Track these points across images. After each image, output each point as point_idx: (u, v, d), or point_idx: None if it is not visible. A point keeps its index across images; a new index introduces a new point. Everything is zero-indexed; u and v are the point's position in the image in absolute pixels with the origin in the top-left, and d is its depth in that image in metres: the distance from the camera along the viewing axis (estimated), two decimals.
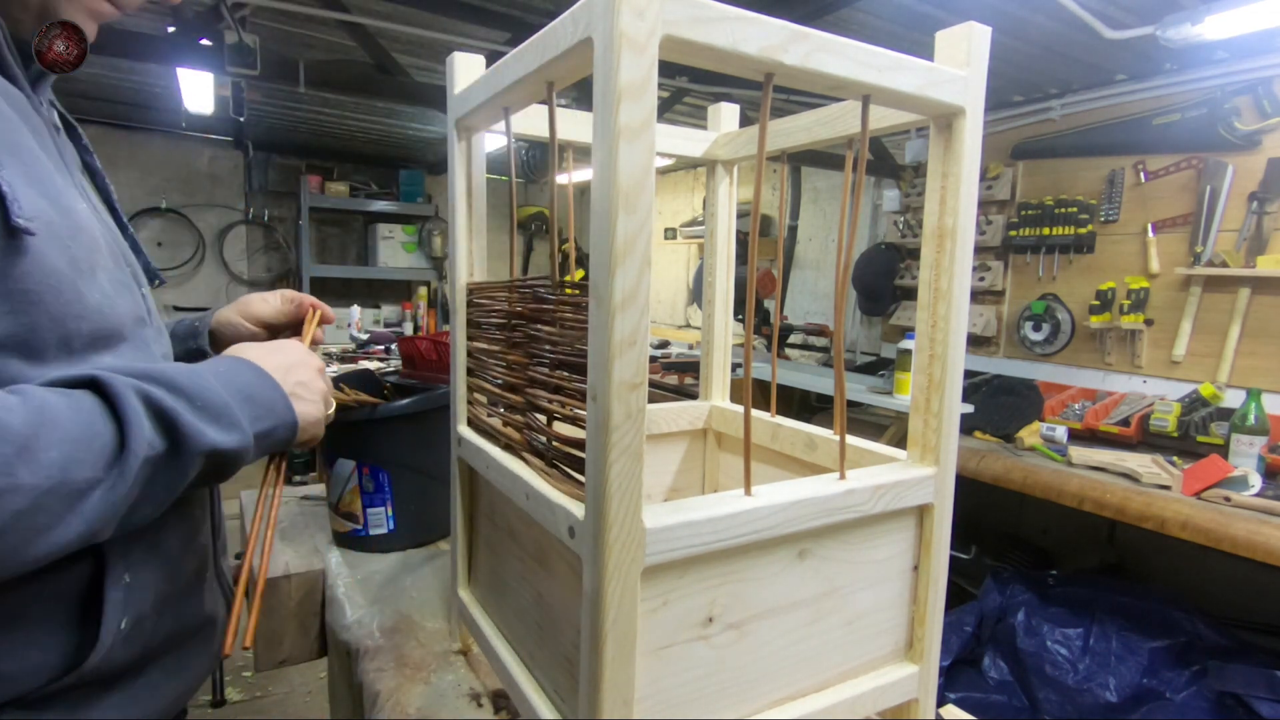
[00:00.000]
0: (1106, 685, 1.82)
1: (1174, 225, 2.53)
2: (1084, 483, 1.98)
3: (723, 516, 0.52)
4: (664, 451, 1.02)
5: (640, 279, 0.45)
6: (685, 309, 5.20)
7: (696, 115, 3.43)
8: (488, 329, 0.80)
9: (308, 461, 2.79)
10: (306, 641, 1.19)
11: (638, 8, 0.42)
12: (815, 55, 0.49)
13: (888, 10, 2.11)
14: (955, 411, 0.65)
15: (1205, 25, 1.89)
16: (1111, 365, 2.73)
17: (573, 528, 0.51)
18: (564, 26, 0.50)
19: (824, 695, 0.62)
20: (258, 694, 2.36)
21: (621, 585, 0.48)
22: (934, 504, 0.65)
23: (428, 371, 1.45)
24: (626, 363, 0.45)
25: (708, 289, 1.02)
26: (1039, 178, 2.98)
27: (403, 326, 4.81)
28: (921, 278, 0.65)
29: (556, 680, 0.62)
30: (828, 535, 0.60)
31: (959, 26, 0.60)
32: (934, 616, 0.67)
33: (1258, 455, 1.94)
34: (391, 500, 1.19)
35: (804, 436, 0.84)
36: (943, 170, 0.63)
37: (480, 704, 0.82)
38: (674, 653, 0.53)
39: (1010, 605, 2.06)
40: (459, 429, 0.84)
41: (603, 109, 0.44)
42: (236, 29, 2.08)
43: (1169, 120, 2.52)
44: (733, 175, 0.98)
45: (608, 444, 0.46)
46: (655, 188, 0.45)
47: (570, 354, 0.60)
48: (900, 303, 3.50)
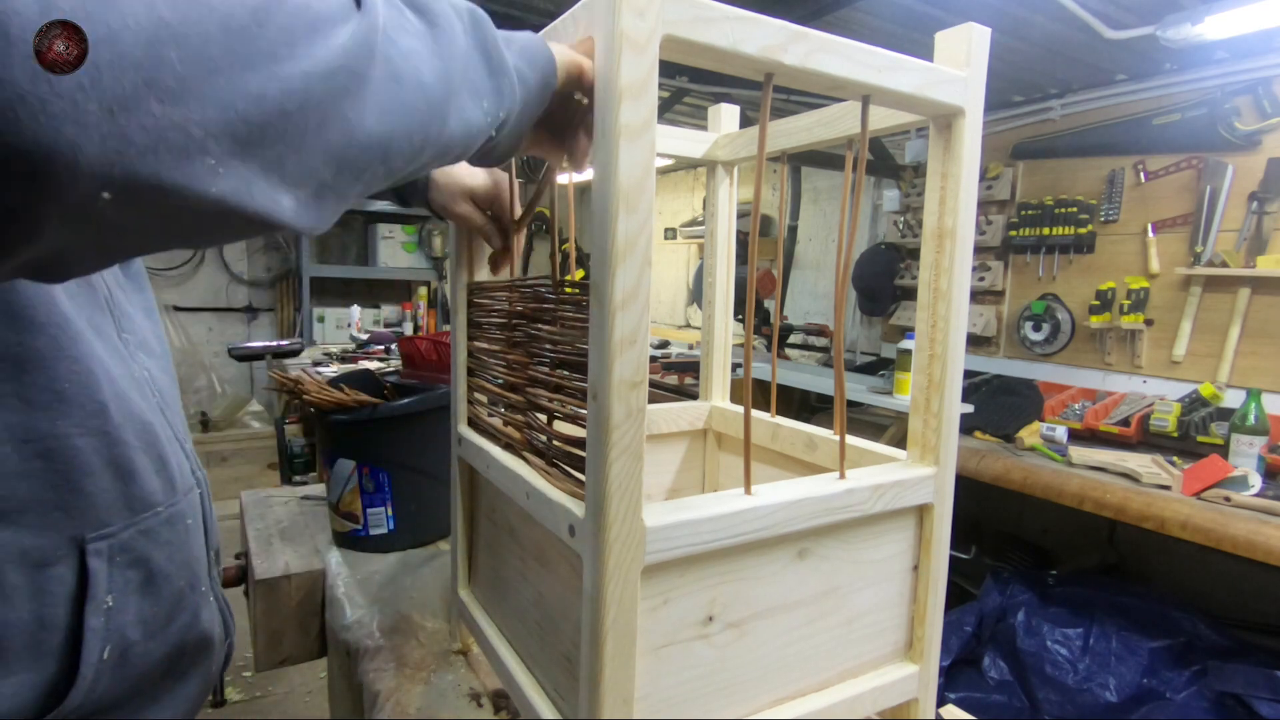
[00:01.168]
0: (1106, 685, 1.82)
1: (1174, 225, 2.54)
2: (1084, 483, 1.98)
3: (722, 515, 0.52)
4: (664, 451, 1.02)
5: (640, 278, 0.45)
6: (685, 309, 5.20)
7: (697, 115, 3.43)
8: (488, 329, 0.80)
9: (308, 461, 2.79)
10: (306, 641, 1.19)
11: (638, 8, 0.42)
12: (815, 55, 0.50)
13: (888, 10, 2.11)
14: (955, 411, 0.65)
15: (1205, 25, 1.90)
16: (1111, 365, 2.73)
17: (573, 526, 0.52)
18: (564, 26, 0.50)
19: (824, 695, 0.62)
20: (258, 694, 2.36)
21: (621, 584, 0.48)
22: (934, 504, 0.65)
23: (428, 371, 1.45)
24: (627, 361, 0.45)
25: (708, 289, 1.02)
26: (1039, 178, 2.98)
27: (403, 326, 4.81)
28: (921, 278, 0.65)
29: (556, 679, 0.62)
30: (827, 535, 0.60)
31: (958, 27, 0.60)
32: (934, 616, 0.67)
33: (1258, 455, 1.94)
34: (391, 500, 1.19)
35: (804, 436, 0.84)
36: (942, 170, 0.63)
37: (480, 704, 0.82)
38: (674, 652, 0.53)
39: (1010, 605, 2.06)
40: (459, 428, 0.84)
41: (603, 109, 0.44)
42: None
43: (1169, 120, 2.52)
44: (733, 176, 0.98)
45: (608, 443, 0.46)
46: (655, 188, 0.45)
47: (571, 353, 0.60)
48: (900, 303, 3.50)
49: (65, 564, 0.49)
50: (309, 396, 1.17)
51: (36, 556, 0.48)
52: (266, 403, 4.73)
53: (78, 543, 0.50)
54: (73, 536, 0.50)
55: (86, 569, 0.50)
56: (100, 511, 0.52)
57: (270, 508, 1.46)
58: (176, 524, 0.60)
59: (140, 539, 0.54)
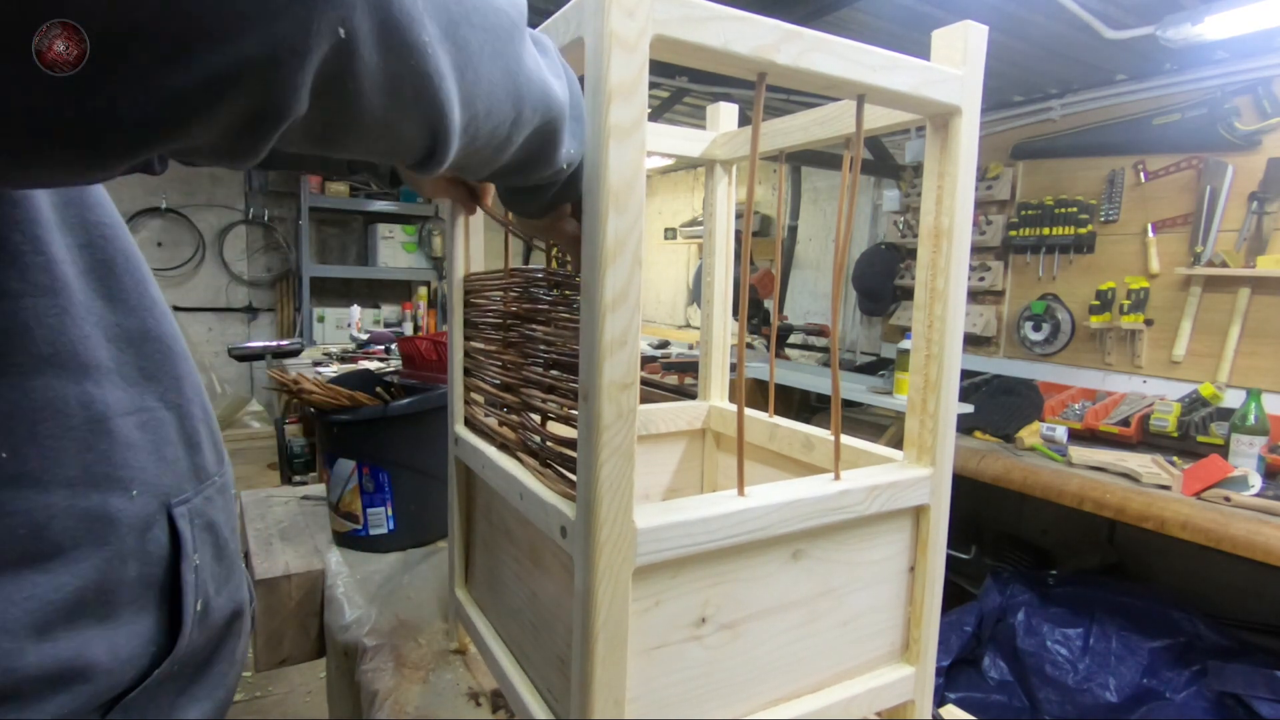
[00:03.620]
0: (1106, 685, 1.82)
1: (1174, 225, 2.53)
2: (1084, 483, 1.98)
3: (715, 517, 0.52)
4: (662, 451, 1.02)
5: (631, 279, 0.45)
6: (685, 309, 5.20)
7: (696, 115, 3.43)
8: (484, 329, 0.80)
9: (308, 461, 2.79)
10: (306, 641, 1.20)
11: (628, 7, 0.42)
12: (808, 55, 0.49)
13: (887, 10, 2.11)
14: (952, 412, 0.65)
15: (1205, 25, 1.89)
16: (1111, 365, 2.73)
17: (564, 527, 0.51)
18: (555, 26, 0.50)
19: (819, 696, 0.62)
20: (258, 694, 2.37)
21: (613, 585, 0.48)
22: (930, 505, 0.65)
23: (427, 371, 1.45)
24: (617, 363, 0.45)
25: (706, 289, 1.02)
26: (1039, 178, 2.97)
27: (403, 326, 4.81)
28: (918, 278, 0.65)
29: (550, 680, 0.62)
30: (822, 536, 0.60)
31: (955, 25, 0.60)
32: (930, 618, 0.67)
33: (1258, 455, 1.94)
34: (391, 500, 1.19)
35: (801, 437, 0.84)
36: (939, 170, 0.62)
37: (479, 703, 0.82)
38: (666, 653, 0.53)
39: (1010, 605, 2.06)
40: (456, 429, 0.84)
41: (593, 109, 0.44)
42: None
43: (1169, 120, 2.52)
44: (731, 175, 0.98)
45: (598, 444, 0.46)
46: (648, 188, 0.45)
47: (563, 354, 0.60)
48: (900, 303, 3.50)
49: (159, 526, 0.54)
50: (309, 396, 1.17)
51: (144, 520, 0.52)
52: (266, 403, 4.74)
53: (166, 507, 0.54)
54: (163, 502, 0.54)
55: (177, 531, 0.55)
56: (180, 479, 0.56)
57: (270, 508, 1.46)
58: (226, 492, 0.64)
59: (206, 505, 0.58)
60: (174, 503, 0.55)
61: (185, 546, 0.55)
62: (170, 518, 0.54)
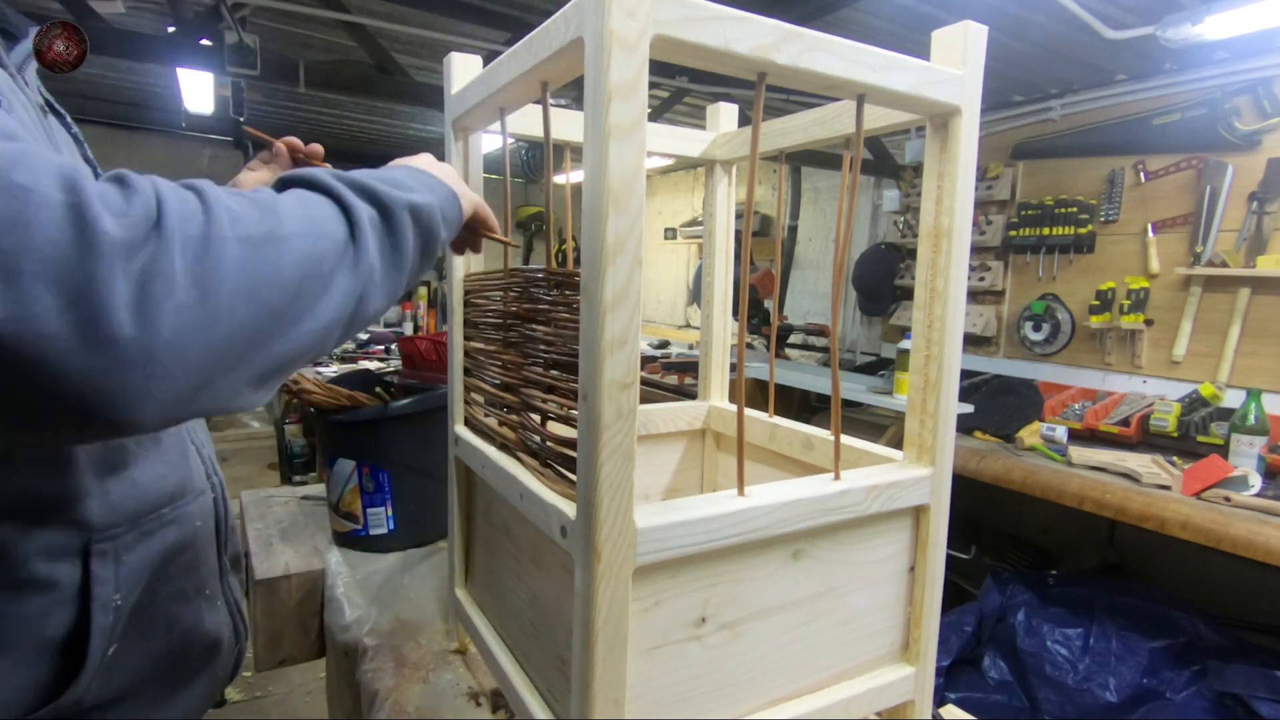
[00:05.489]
0: (1106, 685, 1.82)
1: (1174, 225, 2.53)
2: (1084, 483, 1.98)
3: (715, 516, 0.52)
4: (662, 451, 1.02)
5: (631, 279, 0.45)
6: (685, 309, 5.19)
7: (696, 115, 3.43)
8: (484, 329, 0.80)
9: (308, 461, 2.79)
10: (306, 641, 1.19)
11: (628, 7, 0.42)
12: (808, 55, 0.49)
13: (887, 10, 2.11)
14: (952, 412, 0.65)
15: (1205, 25, 1.89)
16: (1111, 365, 2.73)
17: (565, 527, 0.51)
18: (556, 26, 0.50)
19: (818, 696, 0.62)
20: (258, 694, 2.36)
21: (613, 585, 0.48)
22: (930, 505, 0.65)
23: (427, 371, 1.46)
24: (617, 362, 0.45)
25: (706, 289, 1.02)
26: (1039, 178, 2.97)
27: (403, 326, 4.81)
28: (918, 278, 0.65)
29: (550, 680, 0.62)
30: (822, 536, 0.60)
31: (955, 25, 0.60)
32: (930, 618, 0.67)
33: (1258, 455, 1.94)
34: (391, 500, 1.19)
35: (801, 437, 0.84)
36: (939, 170, 0.62)
37: (479, 703, 0.82)
38: (666, 653, 0.53)
39: (1010, 605, 2.05)
40: (456, 429, 0.84)
41: (594, 109, 0.44)
42: (236, 29, 2.08)
43: (1169, 120, 2.51)
44: (731, 175, 0.98)
45: (599, 444, 0.46)
46: (649, 187, 0.45)
47: (564, 354, 0.60)
48: (900, 303, 3.50)
49: (71, 562, 0.50)
50: (309, 396, 1.17)
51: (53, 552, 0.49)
52: (266, 403, 4.73)
53: (84, 542, 0.51)
54: (80, 536, 0.51)
55: (89, 569, 0.51)
56: (105, 512, 0.52)
57: (270, 508, 1.46)
58: (183, 525, 0.60)
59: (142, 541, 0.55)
60: (95, 539, 0.51)
61: (98, 586, 0.51)
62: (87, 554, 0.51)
